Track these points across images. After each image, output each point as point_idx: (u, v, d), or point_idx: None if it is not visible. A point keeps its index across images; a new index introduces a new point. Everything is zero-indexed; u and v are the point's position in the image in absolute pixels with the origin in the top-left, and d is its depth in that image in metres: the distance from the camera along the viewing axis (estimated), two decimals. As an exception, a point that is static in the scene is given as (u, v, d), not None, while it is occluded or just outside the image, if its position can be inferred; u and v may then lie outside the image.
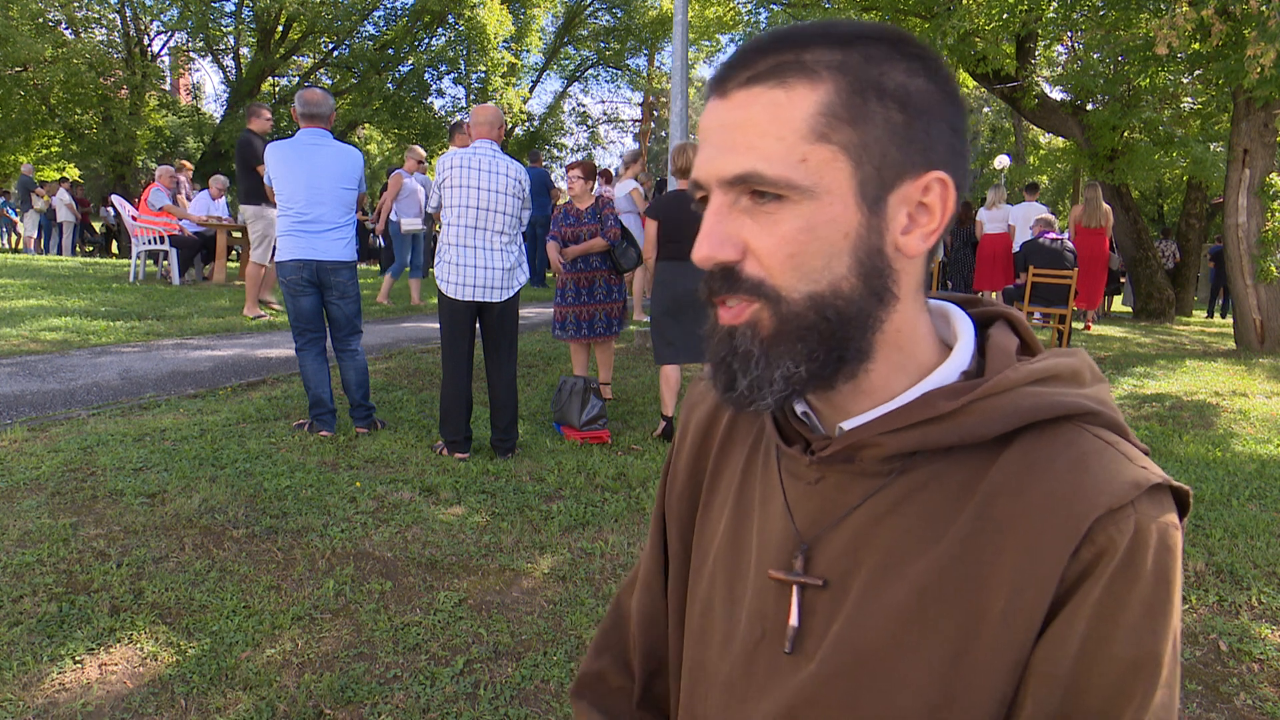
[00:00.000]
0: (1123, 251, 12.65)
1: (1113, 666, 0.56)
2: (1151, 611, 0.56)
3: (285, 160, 4.28)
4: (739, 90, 0.60)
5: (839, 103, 0.58)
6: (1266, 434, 5.04)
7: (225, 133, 20.36)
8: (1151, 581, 0.56)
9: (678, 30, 7.06)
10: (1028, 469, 0.59)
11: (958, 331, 0.67)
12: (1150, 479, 0.57)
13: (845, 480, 0.65)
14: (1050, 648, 0.57)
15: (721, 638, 0.72)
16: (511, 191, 4.19)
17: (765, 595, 0.68)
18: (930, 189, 0.61)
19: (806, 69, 0.59)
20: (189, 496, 3.35)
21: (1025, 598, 0.57)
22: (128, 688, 2.19)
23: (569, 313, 5.33)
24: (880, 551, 0.62)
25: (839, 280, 0.59)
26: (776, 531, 0.69)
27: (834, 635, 0.63)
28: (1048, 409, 0.60)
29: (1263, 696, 2.39)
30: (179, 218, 10.05)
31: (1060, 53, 16.74)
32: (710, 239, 0.61)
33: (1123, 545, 0.55)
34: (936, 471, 0.62)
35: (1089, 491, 0.56)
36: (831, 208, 0.58)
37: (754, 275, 0.60)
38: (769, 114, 0.59)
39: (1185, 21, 7.20)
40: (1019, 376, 0.61)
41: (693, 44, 21.11)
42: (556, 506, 3.62)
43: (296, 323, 4.33)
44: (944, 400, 0.61)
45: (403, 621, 2.61)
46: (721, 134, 0.61)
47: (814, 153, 0.58)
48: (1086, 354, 0.66)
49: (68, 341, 6.05)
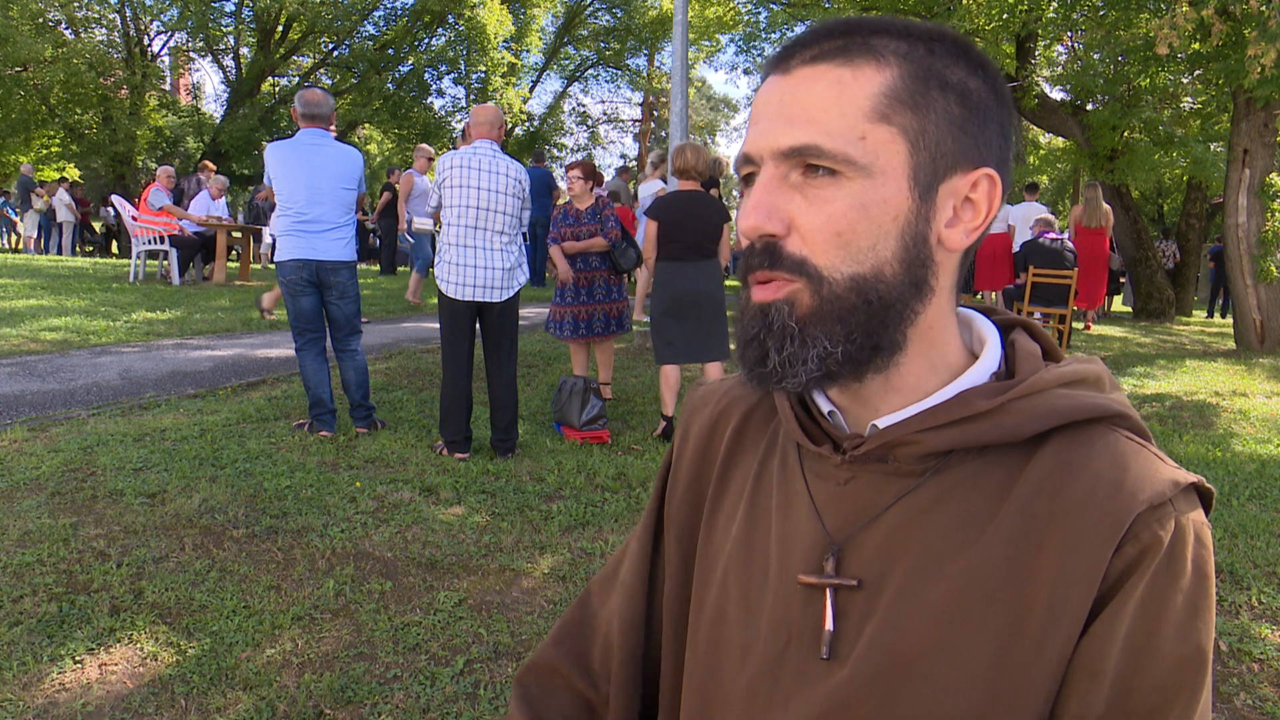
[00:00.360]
0: (1123, 251, 12.65)
1: (1160, 663, 0.56)
2: (1195, 608, 0.57)
3: (285, 160, 4.28)
4: (803, 67, 0.60)
5: (903, 87, 0.59)
6: (1266, 434, 5.04)
7: (225, 133, 20.38)
8: (1193, 577, 0.57)
9: (678, 30, 7.06)
10: (1066, 468, 0.59)
11: (983, 336, 0.68)
12: (1186, 478, 0.58)
13: (878, 480, 0.65)
14: (1096, 644, 0.56)
15: (739, 648, 0.70)
16: (511, 191, 4.19)
17: (790, 601, 0.66)
18: (979, 185, 0.62)
19: (874, 51, 0.60)
20: (189, 496, 3.35)
21: (1070, 594, 0.57)
22: (128, 688, 2.19)
23: (567, 312, 5.33)
24: (916, 551, 0.62)
25: (883, 264, 0.60)
26: (803, 535, 0.67)
27: (868, 638, 0.62)
28: (1083, 410, 0.60)
29: (1263, 696, 2.39)
30: (178, 218, 10.05)
31: (1060, 53, 16.74)
32: (759, 209, 0.60)
33: (1166, 541, 0.56)
34: (972, 471, 0.62)
35: (1130, 489, 0.57)
36: (884, 188, 0.59)
37: (796, 253, 0.60)
38: (833, 90, 0.59)
39: (1185, 21, 7.20)
40: (1051, 379, 0.62)
41: (693, 44, 21.11)
42: (556, 506, 3.62)
43: (296, 323, 4.33)
44: (981, 399, 0.61)
45: (403, 621, 2.61)
46: (780, 108, 0.60)
47: (874, 132, 0.58)
48: (1102, 362, 0.67)
49: (68, 341, 6.05)
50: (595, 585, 0.88)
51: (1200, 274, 16.05)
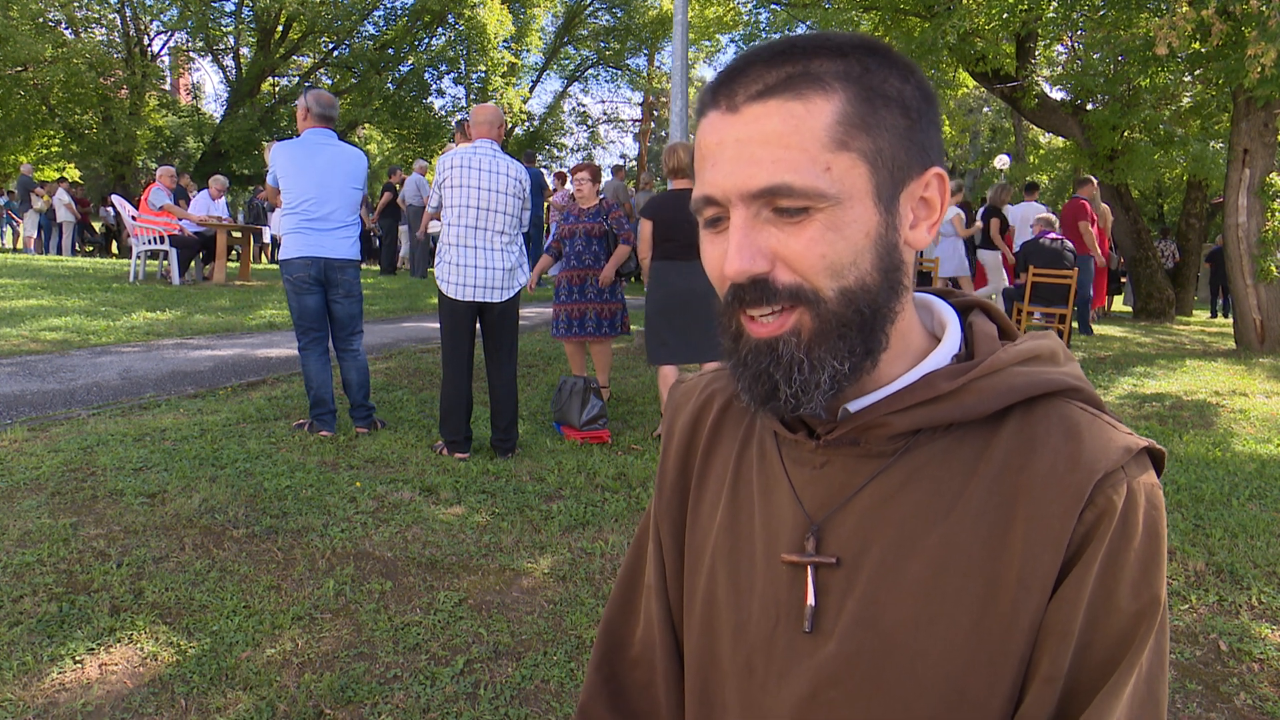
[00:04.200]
0: (1123, 251, 12.64)
1: (1118, 619, 0.61)
2: (1146, 565, 0.61)
3: (295, 159, 4.28)
4: (751, 104, 0.61)
5: (853, 111, 0.61)
6: (1267, 433, 5.04)
7: (225, 133, 20.37)
8: (1144, 537, 0.61)
9: (678, 30, 7.06)
10: (1028, 443, 0.63)
11: (943, 319, 0.72)
12: (1138, 443, 0.63)
13: (851, 462, 0.68)
14: (1064, 607, 0.60)
15: (731, 629, 0.73)
16: (512, 191, 4.18)
17: (778, 581, 0.70)
18: (930, 184, 0.66)
19: (817, 80, 0.61)
20: (189, 496, 3.35)
21: (1039, 562, 0.60)
22: (128, 687, 2.19)
23: (561, 310, 5.35)
24: (892, 527, 0.65)
25: (864, 275, 0.62)
26: (785, 518, 0.70)
27: (850, 613, 0.65)
28: (1039, 385, 0.65)
29: (1263, 696, 2.39)
30: (179, 217, 10.05)
31: (1060, 52, 16.73)
32: (742, 253, 0.61)
33: (1119, 505, 0.60)
34: (940, 449, 0.66)
35: (1086, 459, 0.61)
36: (853, 210, 0.61)
37: (790, 282, 0.62)
38: (789, 126, 0.60)
39: (1185, 21, 7.20)
40: (1008, 358, 0.66)
41: (693, 44, 21.10)
42: (557, 506, 3.62)
43: (300, 321, 4.33)
44: (944, 381, 0.65)
45: (403, 621, 2.61)
46: (739, 149, 0.61)
47: (836, 161, 0.60)
48: (1056, 335, 0.70)
49: (68, 341, 6.05)
50: (613, 615, 0.88)
51: (1200, 274, 16.03)
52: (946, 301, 0.74)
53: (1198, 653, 2.61)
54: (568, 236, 5.33)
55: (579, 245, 5.30)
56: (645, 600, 0.86)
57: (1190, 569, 3.13)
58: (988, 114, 30.34)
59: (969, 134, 28.32)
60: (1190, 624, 2.77)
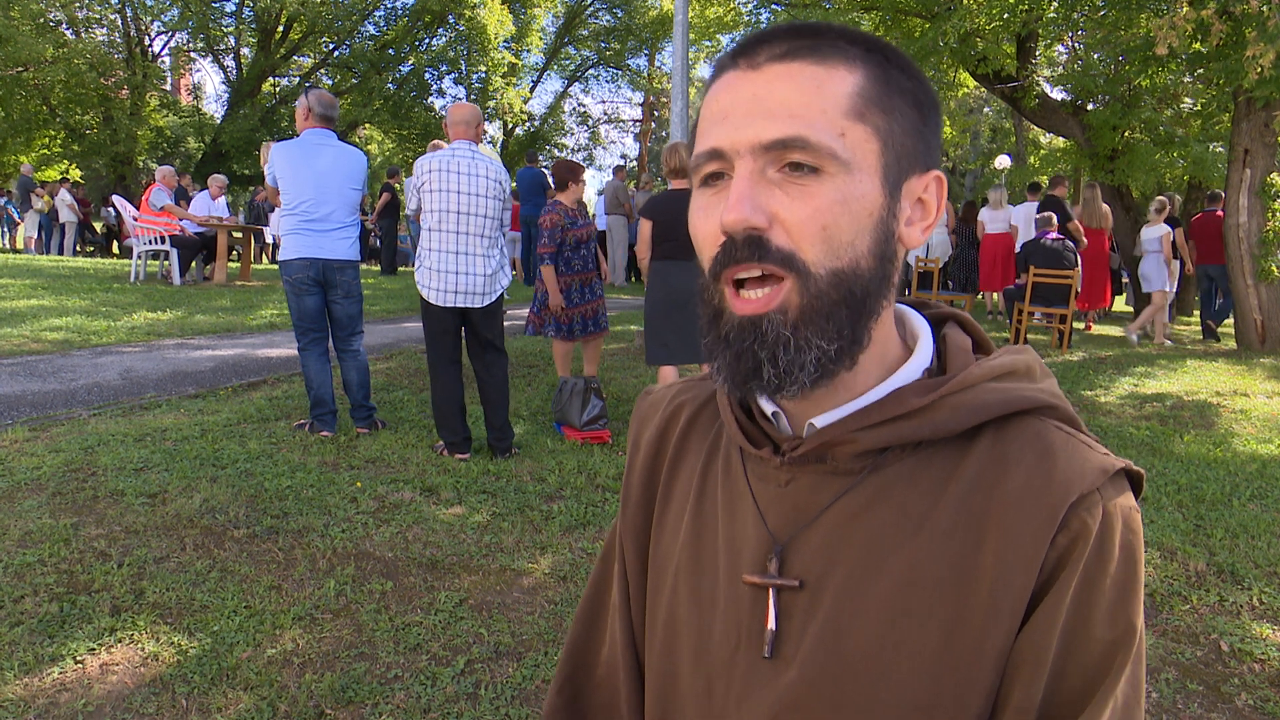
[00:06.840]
0: (1123, 251, 12.64)
1: (1093, 648, 0.58)
2: (1123, 592, 0.59)
3: (293, 160, 4.27)
4: (774, 64, 0.60)
5: (871, 89, 0.60)
6: (1267, 434, 5.04)
7: (226, 133, 20.38)
8: (1121, 562, 0.59)
9: (678, 30, 7.06)
10: (999, 462, 0.61)
11: (915, 331, 0.69)
12: (1114, 464, 0.60)
13: (817, 480, 0.65)
14: (1036, 634, 0.58)
15: (692, 650, 0.70)
16: (491, 193, 4.11)
17: (739, 602, 0.67)
18: (930, 186, 0.65)
19: (843, 52, 0.61)
20: (190, 496, 3.35)
21: (1010, 585, 0.58)
22: (129, 687, 2.19)
23: (575, 314, 5.35)
24: (857, 549, 0.62)
25: (860, 258, 0.60)
26: (748, 537, 0.68)
27: (813, 637, 0.62)
28: (1013, 403, 0.62)
29: (1264, 697, 2.39)
30: (180, 217, 10.05)
31: (1061, 53, 16.72)
32: (743, 203, 0.58)
33: (1094, 529, 0.58)
34: (908, 468, 0.63)
35: (1061, 480, 0.59)
36: (862, 184, 0.59)
37: (785, 246, 0.59)
38: (812, 85, 0.59)
39: (1185, 21, 7.19)
40: (981, 373, 0.63)
41: (693, 44, 21.09)
42: (557, 506, 3.62)
43: (300, 322, 4.33)
44: (914, 397, 0.62)
45: (403, 621, 2.61)
46: (755, 103, 0.59)
47: (852, 129, 0.59)
48: (1034, 351, 0.68)
49: (69, 341, 6.05)
50: (580, 632, 0.86)
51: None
52: (920, 313, 0.71)
53: (1199, 653, 2.61)
54: (582, 241, 5.30)
55: (582, 250, 5.31)
56: (610, 619, 0.83)
57: (1191, 569, 3.13)
58: (988, 114, 30.33)
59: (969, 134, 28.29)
60: (1191, 624, 2.77)
